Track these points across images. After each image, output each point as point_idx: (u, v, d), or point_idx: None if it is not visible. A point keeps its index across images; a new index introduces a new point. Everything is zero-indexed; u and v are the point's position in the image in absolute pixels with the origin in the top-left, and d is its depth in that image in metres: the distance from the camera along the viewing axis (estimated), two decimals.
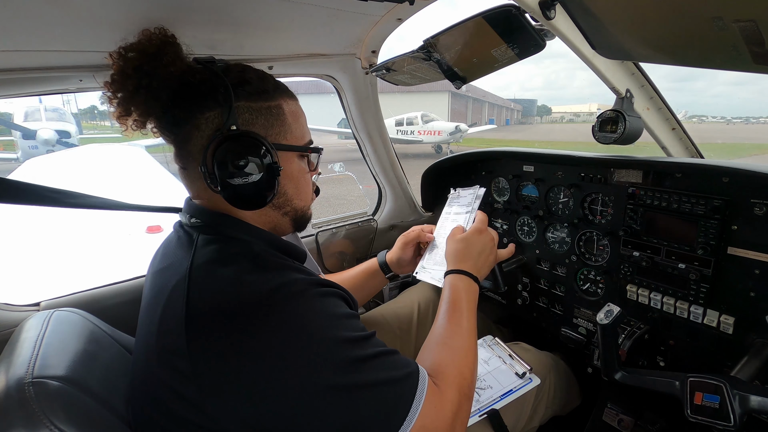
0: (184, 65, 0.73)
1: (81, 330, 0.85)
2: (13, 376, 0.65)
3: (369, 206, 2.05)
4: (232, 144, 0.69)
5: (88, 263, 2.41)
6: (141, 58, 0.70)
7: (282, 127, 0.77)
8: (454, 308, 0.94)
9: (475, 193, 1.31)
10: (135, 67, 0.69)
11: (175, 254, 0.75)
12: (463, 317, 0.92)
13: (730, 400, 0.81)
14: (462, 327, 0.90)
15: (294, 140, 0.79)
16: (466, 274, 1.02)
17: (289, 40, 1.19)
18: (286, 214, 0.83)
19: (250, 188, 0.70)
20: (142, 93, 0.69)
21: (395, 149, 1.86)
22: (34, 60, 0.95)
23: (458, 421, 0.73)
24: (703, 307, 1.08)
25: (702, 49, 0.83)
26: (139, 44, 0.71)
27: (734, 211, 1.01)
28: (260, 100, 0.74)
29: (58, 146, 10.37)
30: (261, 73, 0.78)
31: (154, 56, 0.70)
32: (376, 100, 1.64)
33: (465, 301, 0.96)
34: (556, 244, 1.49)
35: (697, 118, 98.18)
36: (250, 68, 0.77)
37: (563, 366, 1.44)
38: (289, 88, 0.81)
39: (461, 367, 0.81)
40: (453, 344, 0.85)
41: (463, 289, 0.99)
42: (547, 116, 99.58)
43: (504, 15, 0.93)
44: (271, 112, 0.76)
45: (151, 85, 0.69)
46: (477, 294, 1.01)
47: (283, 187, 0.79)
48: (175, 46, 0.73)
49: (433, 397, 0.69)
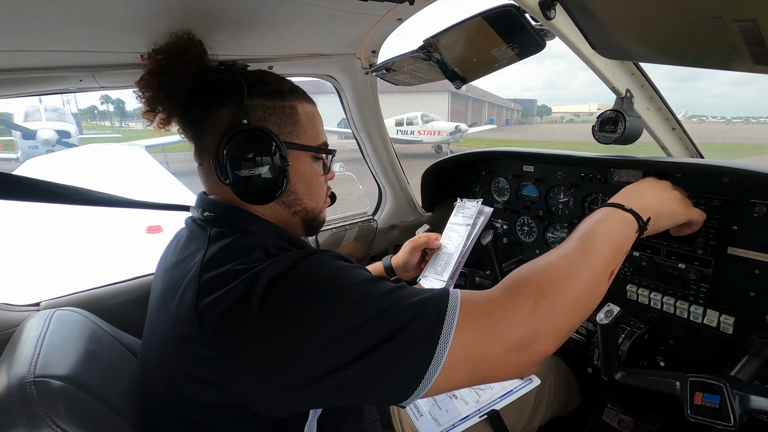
0: (204, 65, 0.78)
1: (82, 329, 0.85)
2: (15, 376, 0.65)
3: (369, 206, 2.05)
4: (242, 137, 0.71)
5: (88, 263, 2.41)
6: (166, 58, 0.76)
7: (295, 127, 0.78)
8: (583, 239, 0.72)
9: (477, 206, 1.30)
10: (161, 67, 0.75)
11: (188, 247, 0.75)
12: (595, 246, 0.70)
13: (730, 400, 0.81)
14: (582, 252, 0.70)
15: (307, 140, 0.80)
16: (624, 209, 0.78)
17: (289, 40, 1.19)
18: (297, 213, 0.83)
19: (257, 181, 0.72)
20: (164, 90, 0.75)
21: (395, 149, 1.86)
22: (34, 60, 0.95)
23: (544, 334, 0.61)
24: (703, 307, 1.08)
25: (702, 49, 0.83)
26: (166, 46, 0.77)
27: (734, 211, 1.01)
28: (275, 99, 0.77)
29: (58, 146, 10.38)
30: (278, 77, 0.81)
31: (177, 56, 0.75)
32: (376, 100, 1.64)
33: (601, 235, 0.73)
34: (556, 244, 1.49)
35: (697, 118, 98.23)
36: (269, 72, 0.81)
37: (563, 366, 1.44)
38: (307, 93, 0.83)
39: (552, 276, 0.65)
40: (552, 257, 0.69)
41: (608, 222, 0.76)
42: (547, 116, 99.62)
43: (504, 15, 0.93)
44: (284, 111, 0.77)
45: (174, 82, 0.75)
46: (628, 238, 0.76)
47: (294, 185, 0.79)
48: (197, 48, 0.78)
49: (474, 311, 0.60)
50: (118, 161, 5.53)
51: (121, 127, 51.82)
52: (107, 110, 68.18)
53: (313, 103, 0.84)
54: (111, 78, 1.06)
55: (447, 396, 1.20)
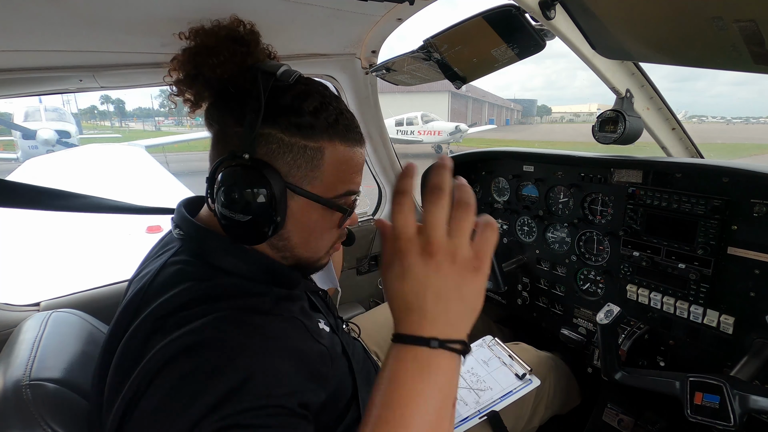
0: (233, 69, 0.65)
1: (79, 331, 0.85)
2: (11, 378, 0.65)
3: (369, 206, 2.05)
4: (238, 171, 0.61)
5: (89, 263, 2.41)
6: (198, 47, 0.67)
7: (311, 172, 0.65)
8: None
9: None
10: (190, 55, 0.66)
11: (155, 261, 0.70)
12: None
13: (730, 400, 0.81)
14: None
15: (321, 189, 0.67)
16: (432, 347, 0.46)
17: (289, 40, 1.19)
18: (285, 258, 0.72)
19: (242, 223, 0.62)
20: (187, 81, 0.68)
21: (395, 149, 1.86)
22: (34, 60, 0.95)
23: None
24: (703, 307, 1.08)
25: (702, 49, 0.84)
26: (207, 32, 0.68)
27: (734, 211, 1.01)
28: (297, 135, 0.63)
29: (58, 146, 10.38)
30: (323, 106, 0.66)
31: (208, 52, 0.65)
32: (376, 100, 1.64)
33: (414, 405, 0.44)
34: (556, 244, 1.49)
35: (697, 118, 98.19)
36: (314, 96, 0.66)
37: (563, 366, 1.44)
38: (352, 133, 0.69)
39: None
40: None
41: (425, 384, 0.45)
42: (547, 116, 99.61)
43: (504, 15, 0.93)
44: (305, 152, 0.64)
45: (197, 78, 0.66)
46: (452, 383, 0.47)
47: (288, 232, 0.68)
48: (232, 50, 0.66)
49: None
50: (118, 161, 5.54)
51: (121, 127, 51.91)
52: (107, 110, 68.29)
53: (356, 143, 0.70)
54: (111, 78, 1.07)
55: None
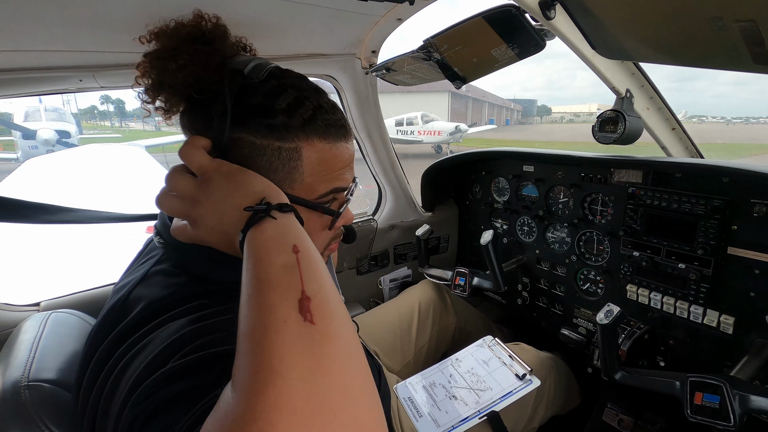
0: (197, 72, 0.59)
1: (78, 332, 0.85)
2: (10, 379, 0.66)
3: (369, 206, 2.05)
4: None
5: (90, 263, 2.41)
6: (158, 51, 0.60)
7: (290, 175, 0.61)
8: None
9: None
10: (152, 60, 0.60)
11: (136, 269, 0.68)
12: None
13: (730, 400, 0.81)
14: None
15: (302, 191, 0.63)
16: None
17: (289, 40, 1.19)
18: None
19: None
20: (153, 89, 0.61)
21: (395, 149, 1.86)
22: (34, 60, 0.95)
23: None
24: (703, 307, 1.08)
25: (702, 49, 0.83)
26: (168, 33, 0.61)
27: (734, 211, 1.01)
28: (270, 137, 0.59)
29: (58, 146, 10.37)
30: (295, 102, 0.60)
31: (168, 55, 0.59)
32: (376, 100, 1.64)
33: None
34: (556, 244, 1.49)
35: (697, 119, 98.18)
36: (288, 91, 0.61)
37: (563, 366, 1.44)
38: (333, 128, 0.63)
39: None
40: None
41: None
42: (547, 116, 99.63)
43: (504, 15, 0.93)
44: (280, 154, 0.59)
45: (162, 84, 0.60)
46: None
47: None
48: (193, 51, 0.59)
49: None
50: (118, 161, 5.53)
51: (121, 127, 51.84)
52: (107, 110, 68.17)
53: (339, 138, 0.64)
54: (111, 78, 1.07)
55: (447, 397, 1.20)
